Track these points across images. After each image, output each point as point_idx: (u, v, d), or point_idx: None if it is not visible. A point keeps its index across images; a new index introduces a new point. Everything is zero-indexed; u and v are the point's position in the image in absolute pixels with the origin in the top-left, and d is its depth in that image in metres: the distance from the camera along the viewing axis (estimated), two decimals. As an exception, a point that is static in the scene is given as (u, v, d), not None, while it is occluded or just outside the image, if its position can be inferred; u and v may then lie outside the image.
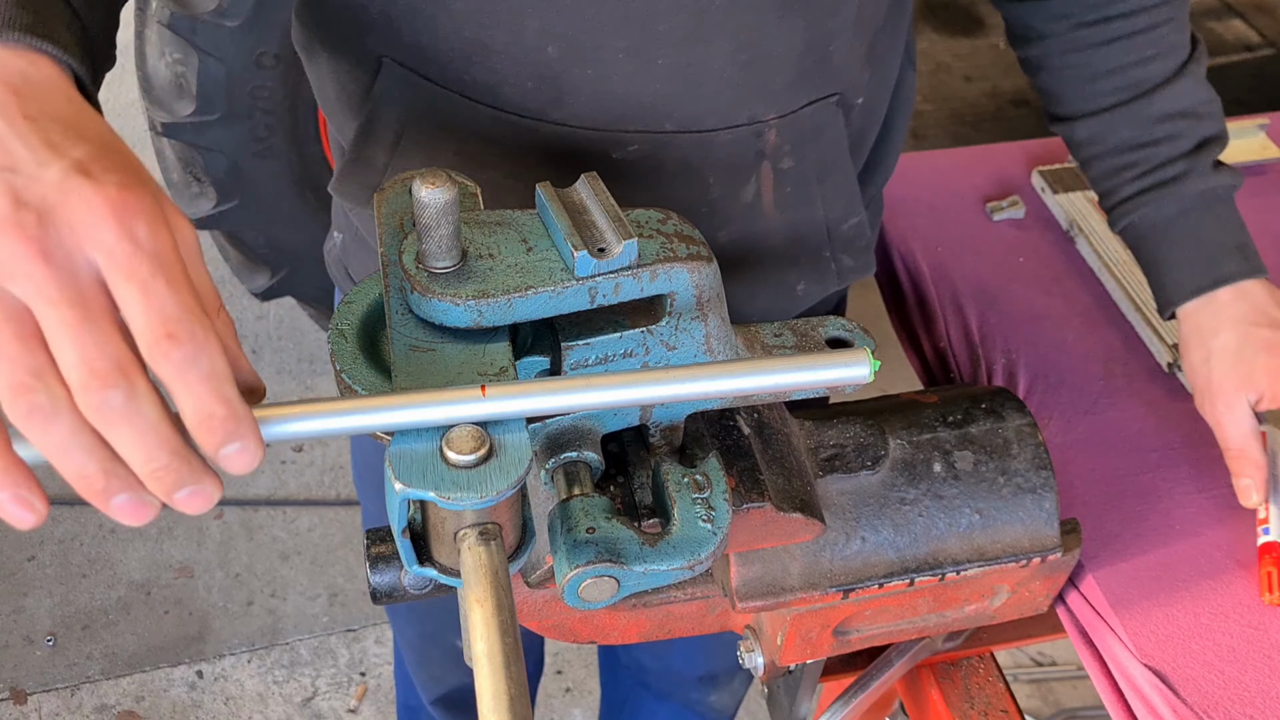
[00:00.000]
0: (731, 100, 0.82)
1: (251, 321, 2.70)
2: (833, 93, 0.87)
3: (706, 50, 0.79)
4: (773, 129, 0.85)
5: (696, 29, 0.77)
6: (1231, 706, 0.86)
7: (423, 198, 0.58)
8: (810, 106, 0.86)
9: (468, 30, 0.79)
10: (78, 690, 2.04)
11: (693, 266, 0.65)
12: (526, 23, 0.77)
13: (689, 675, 1.53)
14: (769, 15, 0.78)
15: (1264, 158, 1.34)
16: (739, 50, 0.79)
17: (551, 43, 0.78)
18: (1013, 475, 0.81)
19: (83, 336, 0.47)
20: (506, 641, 0.53)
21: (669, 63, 0.79)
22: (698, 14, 0.77)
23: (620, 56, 0.78)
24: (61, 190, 0.48)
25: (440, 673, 1.52)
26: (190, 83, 1.99)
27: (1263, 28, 3.68)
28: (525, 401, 0.57)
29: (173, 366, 0.49)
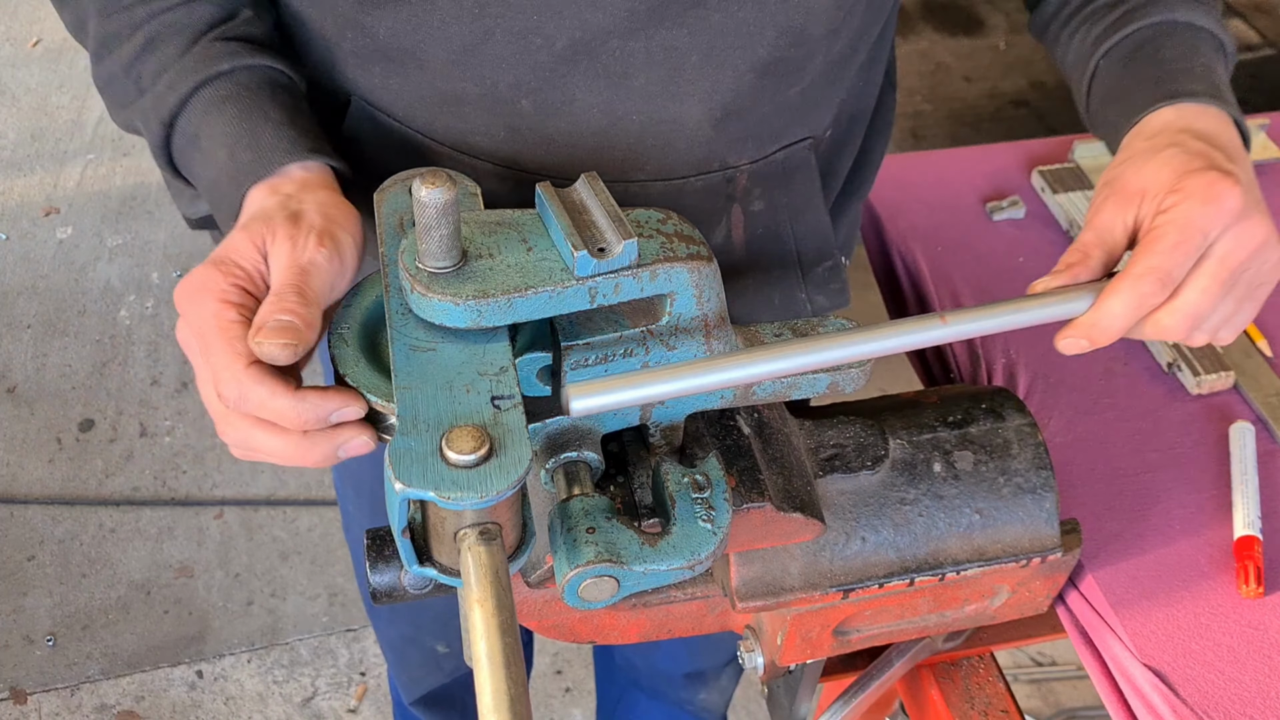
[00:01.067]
0: (704, 153, 0.83)
1: (251, 321, 2.70)
2: (805, 137, 0.88)
3: (680, 108, 0.79)
4: (744, 174, 0.86)
5: (669, 85, 0.77)
6: (1231, 706, 0.86)
7: (423, 198, 0.58)
8: (782, 151, 0.87)
9: (440, 81, 0.78)
10: (77, 690, 2.04)
11: (693, 266, 0.65)
12: (500, 77, 0.77)
13: (675, 673, 1.54)
14: (745, 77, 0.78)
15: (1264, 158, 1.34)
16: (713, 108, 0.79)
17: (525, 96, 0.78)
18: (1013, 475, 0.81)
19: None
20: (506, 641, 0.53)
21: (642, 118, 0.79)
22: (671, 71, 0.76)
23: (594, 112, 0.78)
24: None
25: (419, 674, 1.54)
26: (190, 83, 1.99)
27: (1263, 28, 3.68)
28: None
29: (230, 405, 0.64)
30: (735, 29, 0.75)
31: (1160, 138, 0.75)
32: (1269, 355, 1.12)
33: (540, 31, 0.74)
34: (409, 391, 0.60)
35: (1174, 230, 0.69)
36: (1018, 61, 3.53)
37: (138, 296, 2.75)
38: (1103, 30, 0.85)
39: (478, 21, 0.74)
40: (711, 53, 0.76)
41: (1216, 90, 0.79)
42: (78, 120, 3.19)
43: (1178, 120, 0.77)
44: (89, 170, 3.04)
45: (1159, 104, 0.78)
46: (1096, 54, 0.85)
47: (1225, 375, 1.08)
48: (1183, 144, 0.74)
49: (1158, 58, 0.82)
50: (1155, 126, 0.77)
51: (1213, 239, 0.69)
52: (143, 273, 2.79)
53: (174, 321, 2.74)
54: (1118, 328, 0.69)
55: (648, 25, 0.74)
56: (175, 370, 2.58)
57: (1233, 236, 0.69)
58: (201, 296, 0.63)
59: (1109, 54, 0.85)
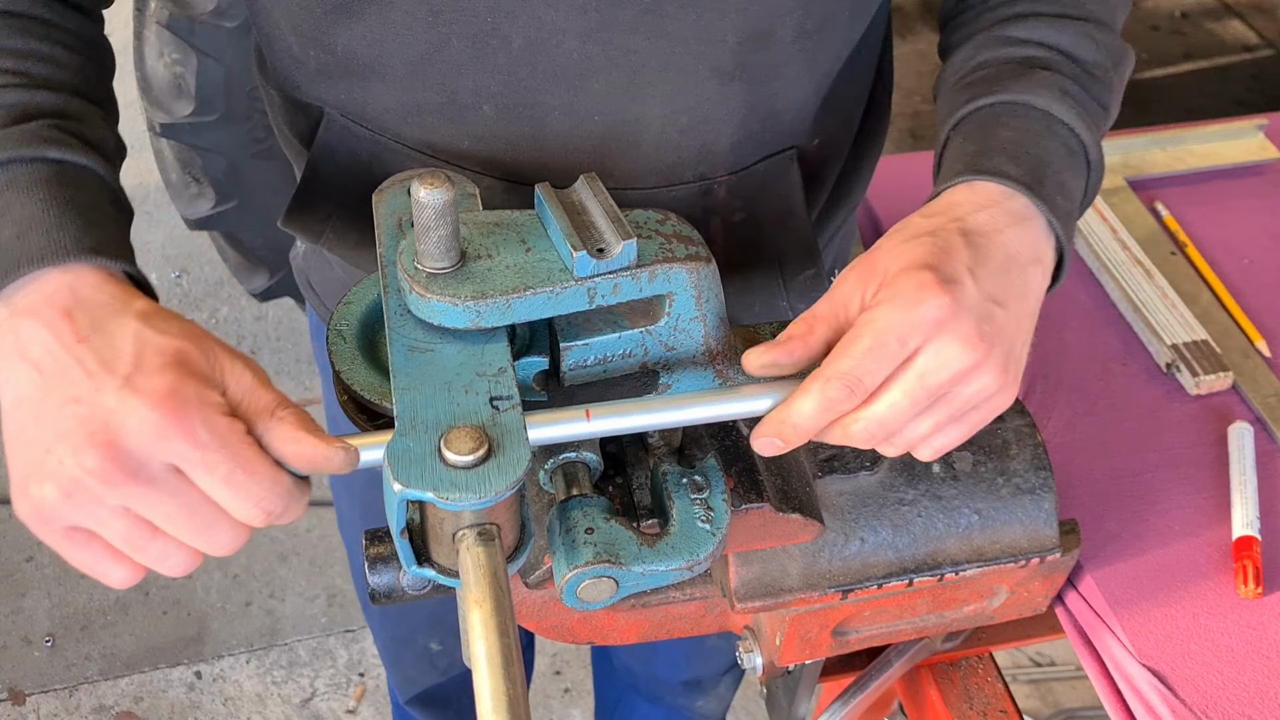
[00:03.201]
0: (673, 161, 0.81)
1: (250, 322, 2.70)
2: (787, 148, 0.86)
3: (641, 109, 0.78)
4: (722, 186, 0.84)
5: (630, 87, 0.76)
6: (1229, 706, 0.86)
7: (421, 198, 0.58)
8: (763, 163, 0.85)
9: (402, 92, 0.78)
10: (76, 691, 2.04)
11: (691, 267, 0.65)
12: (461, 84, 0.76)
13: (674, 681, 1.54)
14: (707, 82, 0.77)
15: (1263, 158, 1.34)
16: (677, 113, 0.78)
17: (485, 102, 0.77)
18: (1011, 476, 0.81)
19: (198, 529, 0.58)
20: (505, 641, 0.53)
21: (604, 120, 0.78)
22: (631, 73, 0.75)
23: (555, 114, 0.77)
24: (119, 413, 0.55)
25: (413, 674, 1.54)
26: (189, 83, 1.99)
27: (1262, 28, 3.68)
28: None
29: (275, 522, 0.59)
30: (694, 34, 0.74)
31: (933, 219, 0.68)
32: (1268, 355, 1.12)
33: (496, 33, 0.73)
34: (407, 392, 0.60)
35: (869, 334, 0.62)
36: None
37: (136, 297, 2.74)
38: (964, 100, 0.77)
39: (433, 29, 0.73)
40: (671, 57, 0.75)
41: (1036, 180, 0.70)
42: (76, 121, 3.20)
43: (964, 203, 0.69)
44: (88, 171, 3.04)
45: (963, 176, 0.70)
46: (949, 123, 0.77)
47: (1224, 376, 1.08)
48: (939, 234, 0.66)
49: (992, 133, 0.73)
50: (939, 205, 0.70)
51: (913, 347, 0.62)
52: (141, 273, 2.80)
53: (173, 322, 2.75)
54: (807, 428, 0.64)
55: (602, 28, 0.73)
56: (174, 371, 2.58)
57: (934, 353, 0.62)
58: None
59: (959, 124, 0.77)
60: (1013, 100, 0.74)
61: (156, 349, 0.57)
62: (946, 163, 0.74)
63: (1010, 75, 0.75)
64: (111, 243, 0.63)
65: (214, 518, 0.58)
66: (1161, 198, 1.30)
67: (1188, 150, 1.34)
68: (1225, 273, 1.21)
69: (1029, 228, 0.68)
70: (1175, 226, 1.26)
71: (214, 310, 2.72)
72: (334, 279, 1.01)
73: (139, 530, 0.58)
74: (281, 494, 0.58)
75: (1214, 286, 1.19)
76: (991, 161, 0.70)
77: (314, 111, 0.85)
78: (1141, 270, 1.19)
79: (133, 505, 0.57)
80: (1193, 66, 3.50)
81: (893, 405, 0.63)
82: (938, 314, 0.62)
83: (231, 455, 0.56)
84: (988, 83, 0.77)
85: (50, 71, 0.69)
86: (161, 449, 0.55)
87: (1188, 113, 3.24)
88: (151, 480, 0.56)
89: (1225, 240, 1.25)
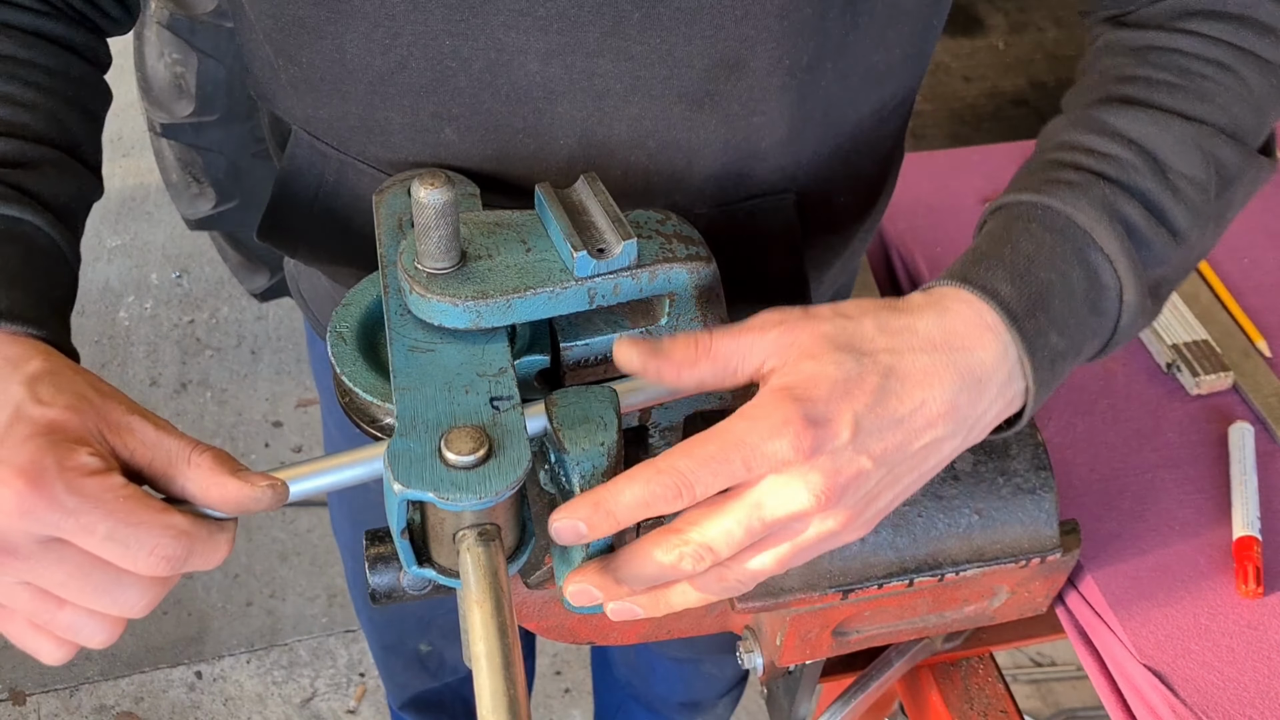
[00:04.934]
0: (642, 187, 0.78)
1: (251, 322, 2.70)
2: (783, 191, 0.81)
3: (608, 132, 0.75)
4: (704, 220, 0.79)
5: (596, 111, 0.74)
6: (1230, 707, 0.86)
7: (421, 198, 0.58)
8: (750, 202, 0.81)
9: (363, 110, 0.77)
10: (77, 691, 2.04)
11: (692, 267, 0.65)
12: (421, 105, 0.75)
13: (670, 699, 1.55)
14: (674, 107, 0.74)
15: (1263, 158, 1.34)
16: (643, 137, 0.75)
17: (448, 124, 0.75)
18: (1012, 476, 0.81)
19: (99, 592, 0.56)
20: (506, 642, 0.53)
21: (570, 143, 0.75)
22: (596, 97, 0.73)
23: (520, 137, 0.75)
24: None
25: (404, 680, 1.55)
26: (189, 83, 1.99)
27: (1262, 28, 3.68)
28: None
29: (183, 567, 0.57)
30: (659, 58, 0.71)
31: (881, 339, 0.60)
32: (1268, 355, 1.12)
33: (456, 55, 0.71)
34: (408, 392, 0.60)
35: (715, 443, 0.57)
36: (1017, 61, 3.53)
37: (136, 297, 2.75)
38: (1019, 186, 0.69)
39: (390, 51, 0.72)
40: (636, 80, 0.72)
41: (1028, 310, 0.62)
42: (77, 121, 3.20)
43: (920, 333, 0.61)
44: (88, 171, 3.04)
45: (951, 281, 0.64)
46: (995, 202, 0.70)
47: (1224, 375, 1.08)
48: (865, 362, 0.59)
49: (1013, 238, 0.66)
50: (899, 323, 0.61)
51: (757, 473, 0.58)
52: (142, 274, 2.79)
53: (174, 322, 2.74)
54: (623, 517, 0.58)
55: (564, 50, 0.71)
56: (174, 371, 2.58)
57: (772, 489, 0.58)
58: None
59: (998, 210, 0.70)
60: (1054, 208, 0.66)
61: (28, 420, 0.56)
62: (967, 250, 0.67)
63: (1071, 177, 0.67)
64: (24, 304, 0.61)
65: (113, 578, 0.56)
66: (1162, 198, 1.30)
67: (1188, 150, 1.34)
68: (1225, 272, 1.21)
69: (978, 389, 0.61)
70: (1175, 226, 1.26)
71: (214, 310, 2.72)
72: (321, 287, 1.00)
73: (43, 603, 0.57)
74: (177, 537, 0.56)
75: (1214, 286, 1.19)
76: (990, 274, 0.63)
77: (284, 127, 0.84)
78: (1142, 270, 1.19)
79: (26, 579, 0.56)
80: (1193, 66, 3.50)
81: (725, 532, 0.58)
82: (788, 455, 0.57)
83: (108, 513, 0.54)
84: (1052, 172, 0.68)
85: (8, 114, 0.68)
86: (28, 524, 0.54)
87: (1188, 112, 3.24)
88: (30, 555, 0.55)
89: (1225, 240, 1.25)
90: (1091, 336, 0.66)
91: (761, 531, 0.59)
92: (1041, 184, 0.67)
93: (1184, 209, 0.68)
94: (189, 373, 2.57)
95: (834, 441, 0.57)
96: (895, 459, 0.60)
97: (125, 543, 0.55)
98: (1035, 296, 0.63)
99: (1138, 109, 0.69)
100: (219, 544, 0.58)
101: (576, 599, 0.61)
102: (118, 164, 3.06)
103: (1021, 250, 0.64)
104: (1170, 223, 0.67)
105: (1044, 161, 0.70)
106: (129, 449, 0.58)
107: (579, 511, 0.58)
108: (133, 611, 0.58)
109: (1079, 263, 0.65)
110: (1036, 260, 0.64)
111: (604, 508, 0.58)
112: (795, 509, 0.58)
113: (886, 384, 0.59)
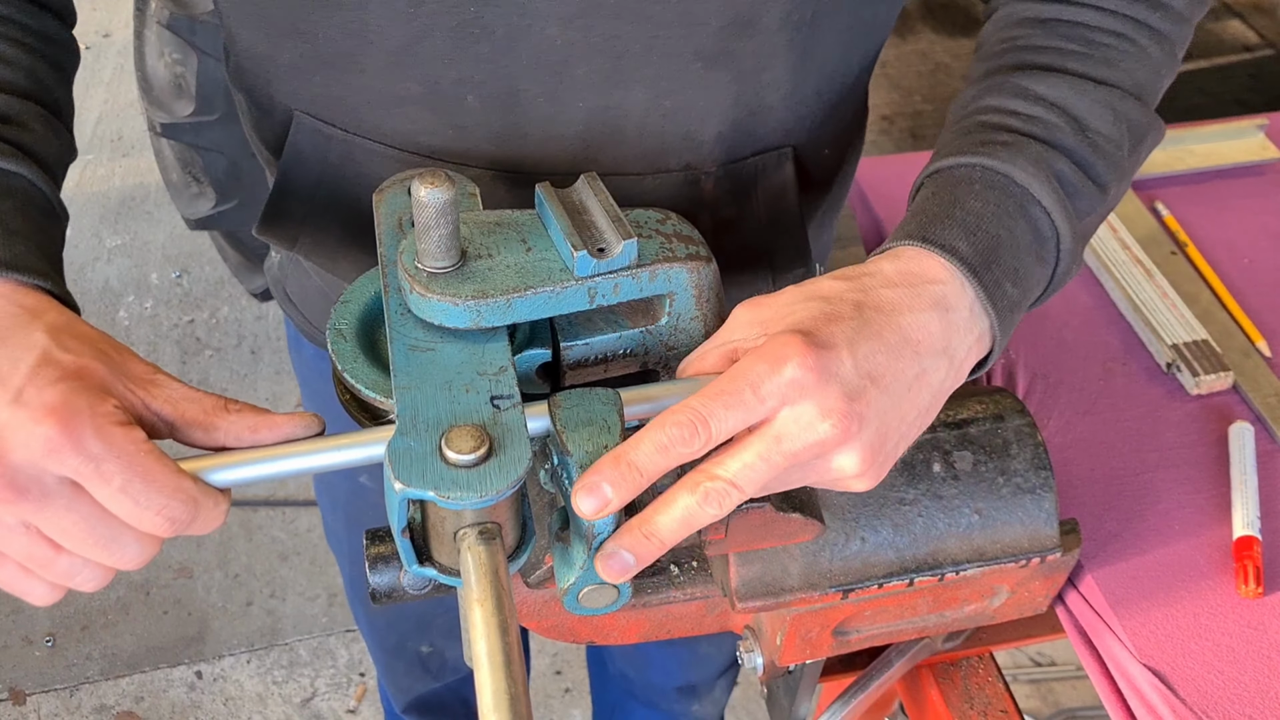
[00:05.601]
0: (657, 148, 0.80)
1: (251, 322, 2.70)
2: (782, 145, 0.83)
3: (625, 95, 0.76)
4: (710, 178, 0.82)
5: (614, 73, 0.75)
6: (1230, 706, 0.86)
7: (421, 197, 0.58)
8: (755, 159, 0.83)
9: (382, 83, 0.77)
10: (77, 691, 2.04)
11: (692, 267, 0.65)
12: (443, 73, 0.75)
13: (667, 686, 1.55)
14: (691, 65, 0.75)
15: (1264, 158, 1.34)
16: (660, 96, 0.76)
17: (470, 91, 0.76)
18: (1012, 475, 0.81)
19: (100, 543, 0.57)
20: (506, 641, 0.53)
21: (588, 106, 0.77)
22: (614, 59, 0.74)
23: (539, 101, 0.76)
24: (7, 429, 0.54)
25: (406, 683, 1.54)
26: (189, 83, 1.99)
27: (1261, 28, 3.68)
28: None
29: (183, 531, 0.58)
30: (677, 18, 0.73)
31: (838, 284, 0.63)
32: (1268, 355, 1.12)
33: (479, 22, 0.72)
34: (408, 391, 0.60)
35: (725, 379, 0.58)
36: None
37: (136, 297, 2.75)
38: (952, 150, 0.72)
39: (414, 20, 0.72)
40: (654, 41, 0.73)
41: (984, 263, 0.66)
42: (77, 121, 3.19)
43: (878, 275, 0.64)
44: (88, 171, 3.04)
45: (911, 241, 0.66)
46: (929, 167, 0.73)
47: (1224, 375, 1.08)
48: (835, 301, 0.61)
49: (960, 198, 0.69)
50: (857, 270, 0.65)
51: (771, 407, 0.58)
52: (141, 273, 2.79)
53: (173, 322, 2.74)
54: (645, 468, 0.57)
55: (583, 14, 0.72)
56: (174, 371, 2.58)
57: (792, 417, 0.58)
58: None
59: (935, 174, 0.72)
60: (994, 168, 0.69)
61: (56, 364, 0.56)
62: (909, 214, 0.70)
63: (1003, 140, 0.71)
64: (31, 256, 0.62)
65: (115, 531, 0.57)
66: (1162, 197, 1.30)
67: (1188, 150, 1.34)
68: (1225, 272, 1.21)
69: (947, 317, 0.63)
70: (1175, 226, 1.26)
71: (214, 310, 2.72)
72: (311, 288, 1.00)
73: (40, 548, 0.57)
74: (185, 500, 0.57)
75: (1214, 286, 1.19)
76: (946, 233, 0.66)
77: (282, 114, 0.84)
78: (1142, 270, 1.19)
79: (30, 522, 0.56)
80: (1193, 66, 3.50)
81: (746, 466, 0.58)
82: (797, 375, 0.57)
83: (127, 465, 0.55)
84: (984, 134, 0.72)
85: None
86: (52, 463, 0.54)
87: (1188, 113, 3.23)
88: (45, 496, 0.55)
89: (1225, 240, 1.25)
90: (1036, 285, 0.70)
91: (784, 465, 0.58)
92: (977, 146, 0.71)
93: (1105, 163, 0.72)
94: (189, 373, 2.57)
95: (838, 365, 0.58)
96: (894, 387, 0.60)
97: (137, 498, 0.55)
98: (989, 251, 0.66)
99: (1054, 75, 0.73)
100: (218, 514, 0.59)
101: (610, 570, 0.60)
102: (118, 164, 3.06)
103: (970, 209, 0.67)
104: (1095, 176, 0.72)
105: (972, 125, 0.73)
106: (154, 402, 0.59)
107: (602, 472, 0.57)
108: (129, 565, 0.59)
109: (1022, 217, 0.68)
110: (985, 217, 0.67)
111: (626, 460, 0.57)
112: (814, 438, 0.58)
113: (862, 314, 0.61)
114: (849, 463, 0.60)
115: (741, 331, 0.62)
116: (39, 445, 0.54)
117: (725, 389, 0.57)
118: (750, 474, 0.58)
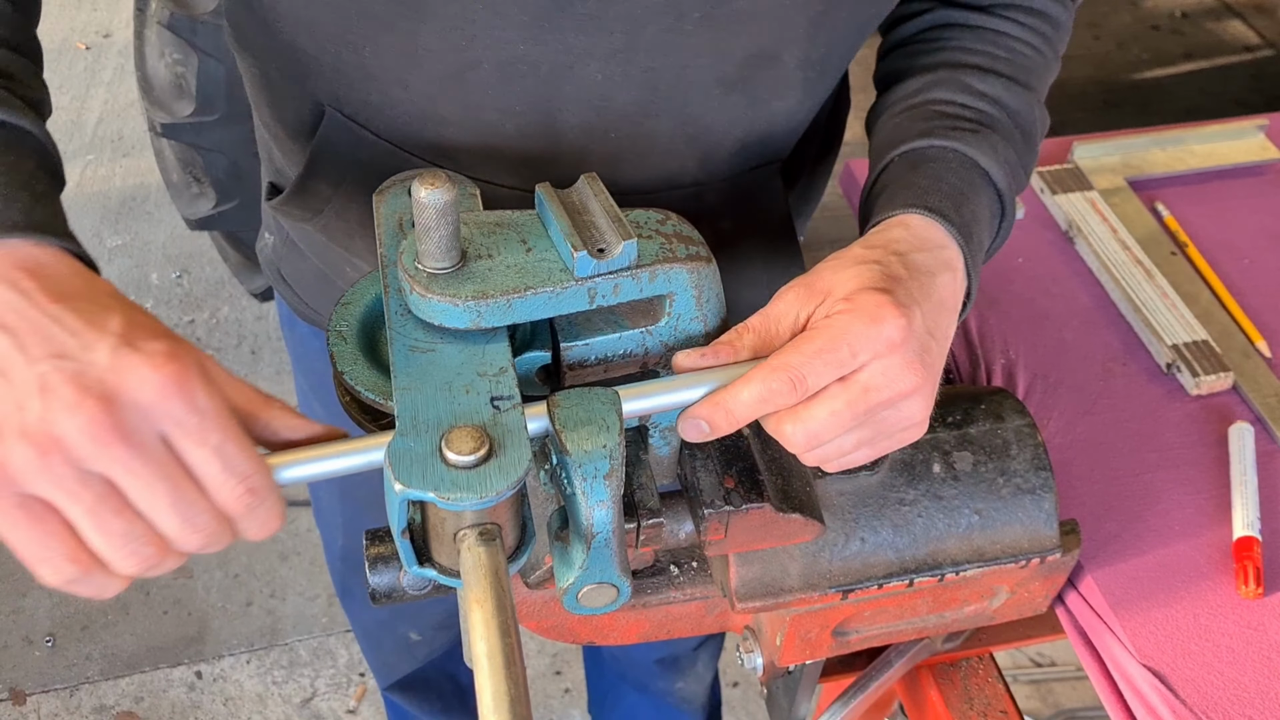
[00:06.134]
0: (676, 169, 0.84)
1: (251, 322, 2.70)
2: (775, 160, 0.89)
3: (655, 124, 0.79)
4: (713, 191, 0.86)
5: (648, 105, 0.78)
6: (1230, 707, 0.86)
7: (422, 198, 0.58)
8: (751, 173, 0.88)
9: (423, 102, 0.78)
10: (77, 691, 2.04)
11: (692, 267, 0.65)
12: (486, 102, 0.77)
13: (647, 660, 1.56)
14: (713, 92, 0.79)
15: (1264, 158, 1.34)
16: (685, 124, 0.80)
17: (509, 121, 0.78)
18: (1012, 476, 0.81)
19: (178, 505, 0.55)
20: (506, 641, 0.53)
21: (620, 136, 0.79)
22: (650, 91, 0.77)
23: (575, 131, 0.79)
24: (117, 371, 0.53)
25: (393, 660, 1.56)
26: (190, 83, 1.99)
27: (1262, 28, 3.68)
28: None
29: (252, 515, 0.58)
30: (708, 49, 0.76)
31: (874, 251, 0.69)
32: (1268, 355, 1.12)
33: (526, 59, 0.74)
34: (408, 392, 0.60)
35: (822, 336, 0.63)
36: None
37: (137, 297, 2.75)
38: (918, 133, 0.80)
39: (465, 52, 0.74)
40: (684, 72, 0.76)
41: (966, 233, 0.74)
42: (77, 121, 3.19)
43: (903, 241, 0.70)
44: (88, 171, 3.04)
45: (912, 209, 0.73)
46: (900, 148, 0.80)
47: (1224, 376, 1.08)
48: (886, 264, 0.67)
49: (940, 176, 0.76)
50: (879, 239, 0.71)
51: (862, 361, 0.63)
52: (142, 273, 2.79)
53: (174, 322, 2.74)
54: (741, 415, 0.63)
55: (625, 49, 0.74)
56: (174, 371, 2.58)
57: (881, 369, 0.64)
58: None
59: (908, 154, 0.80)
60: (963, 152, 0.78)
61: (145, 315, 0.56)
62: (894, 189, 0.76)
63: (965, 127, 0.80)
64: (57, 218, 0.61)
65: (195, 497, 0.55)
66: (1162, 198, 1.30)
67: (1188, 150, 1.34)
68: (1225, 273, 1.21)
69: (956, 276, 0.71)
70: (1175, 226, 1.26)
71: (214, 310, 2.72)
72: (308, 269, 1.00)
73: (108, 503, 0.53)
74: (267, 476, 0.57)
75: (1214, 286, 1.19)
76: (941, 203, 0.73)
77: (312, 105, 0.84)
78: (1142, 270, 1.19)
79: (113, 472, 0.53)
80: (1193, 66, 3.50)
81: (833, 414, 0.63)
82: (893, 334, 0.63)
83: (224, 426, 0.55)
84: (945, 121, 0.80)
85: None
86: (161, 410, 0.53)
87: (1188, 113, 3.24)
88: (142, 445, 0.53)
89: (1225, 240, 1.25)
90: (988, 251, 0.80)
91: (864, 413, 0.64)
92: (947, 131, 0.80)
93: (1030, 154, 0.85)
94: (189, 373, 2.57)
95: (916, 323, 0.65)
96: (944, 341, 0.68)
97: (228, 461, 0.55)
98: (970, 222, 0.75)
99: (992, 77, 0.84)
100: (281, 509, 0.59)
101: (688, 432, 0.64)
102: (118, 164, 3.06)
103: (952, 185, 0.76)
104: (1025, 163, 0.83)
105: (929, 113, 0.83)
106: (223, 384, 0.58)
107: (703, 410, 0.63)
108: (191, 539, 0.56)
109: (983, 194, 0.78)
110: (964, 193, 0.76)
111: (724, 406, 0.63)
112: (900, 389, 0.64)
113: (915, 276, 0.67)
114: (914, 409, 0.66)
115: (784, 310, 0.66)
116: (153, 390, 0.53)
117: (825, 348, 0.63)
118: (835, 421, 0.64)
